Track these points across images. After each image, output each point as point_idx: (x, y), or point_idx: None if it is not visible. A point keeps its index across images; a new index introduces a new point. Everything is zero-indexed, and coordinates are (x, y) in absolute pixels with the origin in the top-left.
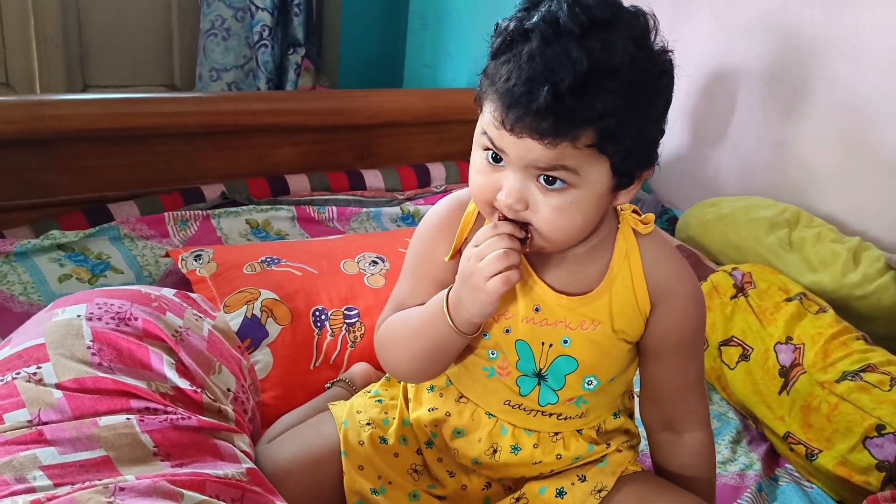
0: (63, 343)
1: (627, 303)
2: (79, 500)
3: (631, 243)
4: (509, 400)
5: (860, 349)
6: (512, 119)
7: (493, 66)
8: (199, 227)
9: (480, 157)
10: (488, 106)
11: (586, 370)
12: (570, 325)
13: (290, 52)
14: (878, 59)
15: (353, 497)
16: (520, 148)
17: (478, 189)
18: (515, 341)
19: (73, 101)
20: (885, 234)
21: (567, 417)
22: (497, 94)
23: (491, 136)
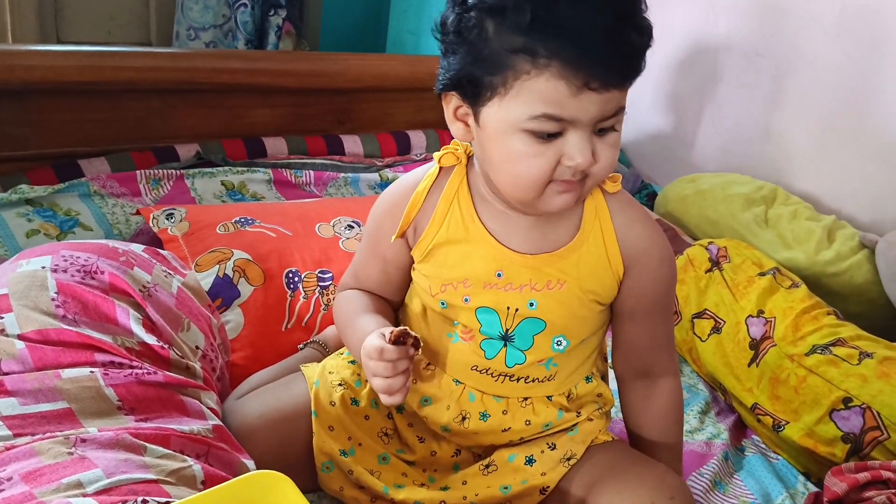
0: (27, 294)
1: (599, 263)
2: (38, 449)
3: (600, 202)
4: (476, 365)
5: (831, 324)
6: (602, 72)
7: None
8: (172, 187)
9: (527, 141)
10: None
11: (555, 330)
12: (535, 287)
13: (270, 13)
14: (863, 40)
15: (321, 457)
16: (601, 103)
17: (534, 172)
18: (476, 309)
19: (45, 52)
20: (861, 212)
21: (535, 380)
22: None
23: (557, 110)
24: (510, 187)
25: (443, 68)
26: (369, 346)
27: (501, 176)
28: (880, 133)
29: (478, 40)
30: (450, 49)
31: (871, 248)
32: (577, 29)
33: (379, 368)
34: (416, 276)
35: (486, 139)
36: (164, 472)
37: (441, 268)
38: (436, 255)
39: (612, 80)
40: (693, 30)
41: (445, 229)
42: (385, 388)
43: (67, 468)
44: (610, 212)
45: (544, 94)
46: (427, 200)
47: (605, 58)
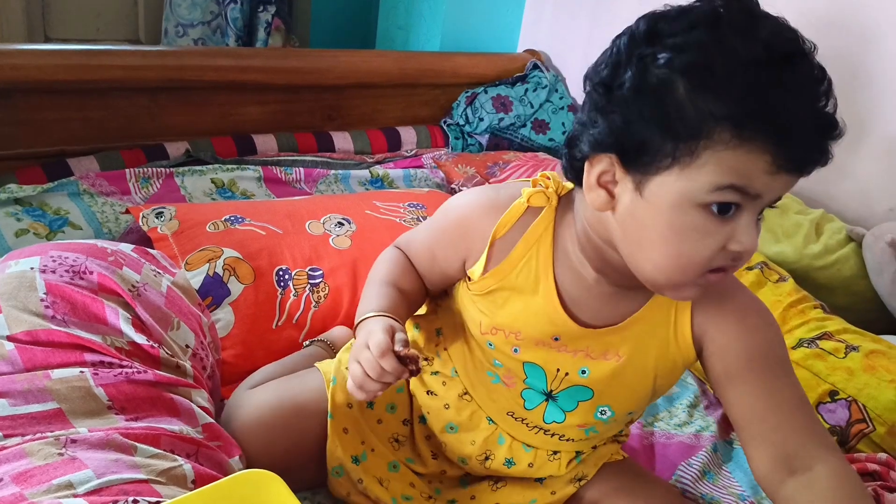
0: (16, 295)
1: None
2: (28, 451)
3: None
4: (513, 412)
5: (817, 317)
6: (802, 155)
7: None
8: (162, 185)
9: (701, 217)
10: (749, 154)
11: (602, 400)
12: (591, 355)
13: (260, 9)
14: (852, 33)
15: (333, 461)
16: (787, 185)
17: (702, 252)
18: (524, 363)
19: (32, 51)
20: (849, 206)
21: (571, 440)
22: (779, 132)
23: (750, 185)
24: (663, 270)
25: (596, 125)
26: (377, 339)
27: (657, 255)
28: (868, 126)
29: (664, 103)
30: (616, 106)
31: (858, 242)
32: (793, 109)
33: (368, 364)
34: (468, 301)
35: (648, 212)
36: (154, 471)
37: (498, 310)
38: (497, 295)
39: (808, 166)
40: None
41: (516, 276)
42: (359, 382)
43: (58, 469)
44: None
45: (738, 168)
46: (506, 236)
47: (812, 141)
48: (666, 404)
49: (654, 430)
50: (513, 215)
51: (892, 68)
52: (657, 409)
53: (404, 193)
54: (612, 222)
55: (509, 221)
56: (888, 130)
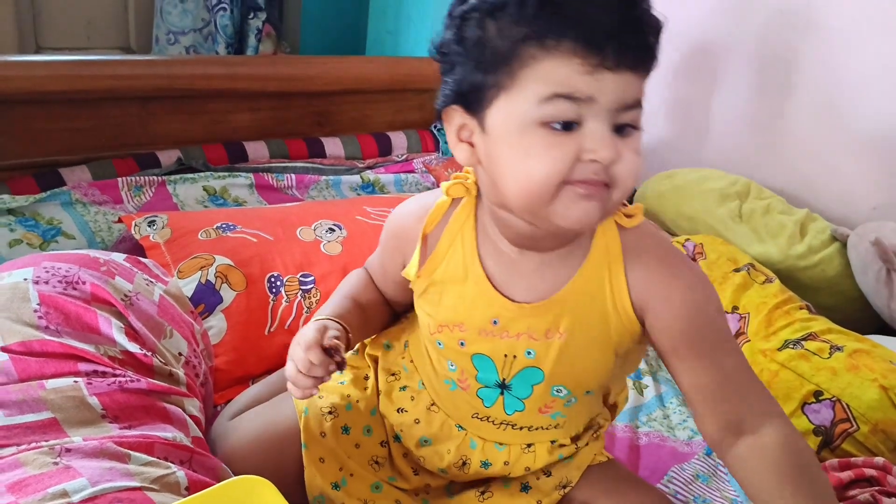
0: (9, 306)
1: (606, 310)
2: (24, 460)
3: (612, 239)
4: (476, 412)
5: (803, 318)
6: (615, 49)
7: (550, 13)
8: (154, 194)
9: (542, 133)
10: (558, 60)
11: (554, 380)
12: (533, 336)
13: (250, 16)
14: (831, 33)
15: (313, 490)
16: (618, 85)
17: (549, 166)
18: (472, 355)
19: (22, 62)
20: (833, 206)
21: (540, 428)
22: (584, 30)
23: (574, 89)
24: (520, 193)
25: (443, 87)
26: (306, 336)
27: (511, 181)
28: (851, 126)
29: (479, 44)
30: (450, 65)
31: (842, 242)
32: (588, 7)
33: (298, 360)
34: (418, 309)
35: (494, 144)
36: (148, 479)
37: (438, 307)
38: (433, 293)
39: (627, 59)
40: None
41: (445, 267)
42: (292, 379)
43: (53, 478)
44: (623, 249)
45: (555, 75)
46: (432, 234)
47: (620, 34)
48: (658, 403)
49: (648, 430)
50: (438, 211)
51: (872, 68)
52: (650, 409)
53: (395, 198)
54: (483, 175)
55: (435, 218)
56: (870, 129)
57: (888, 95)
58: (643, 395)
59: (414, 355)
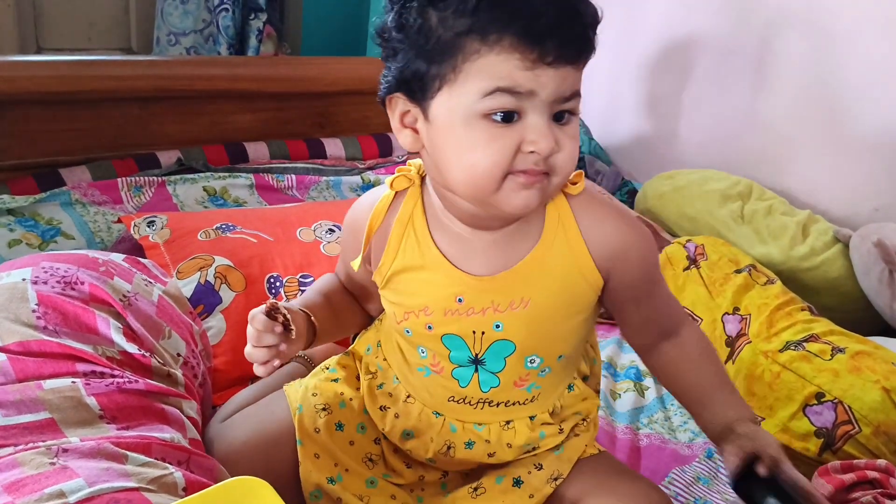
0: (7, 306)
1: (567, 274)
2: (21, 460)
3: (563, 208)
4: (452, 395)
5: (804, 319)
6: (554, 45)
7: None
8: (154, 194)
9: (485, 126)
10: (500, 55)
11: (526, 350)
12: (498, 309)
13: (251, 17)
14: (833, 36)
15: (309, 486)
16: (556, 79)
17: (492, 158)
18: (441, 336)
19: (23, 62)
20: (835, 207)
21: (516, 403)
22: (525, 26)
23: (515, 83)
24: (466, 183)
25: (385, 73)
26: (254, 312)
27: (456, 171)
28: (852, 127)
29: (421, 33)
30: (392, 51)
31: (844, 243)
32: (528, 2)
33: (249, 334)
34: (383, 301)
35: (438, 134)
36: (145, 479)
37: (401, 295)
38: (395, 282)
39: (566, 54)
40: (667, 29)
41: (402, 256)
42: (247, 354)
43: (49, 478)
44: (574, 216)
45: (496, 70)
46: (382, 227)
47: (558, 30)
48: (659, 405)
49: (649, 432)
50: (383, 204)
51: (874, 70)
52: (651, 411)
53: None
54: (428, 159)
55: (381, 211)
56: (872, 131)
57: (890, 97)
58: (644, 396)
59: (386, 352)
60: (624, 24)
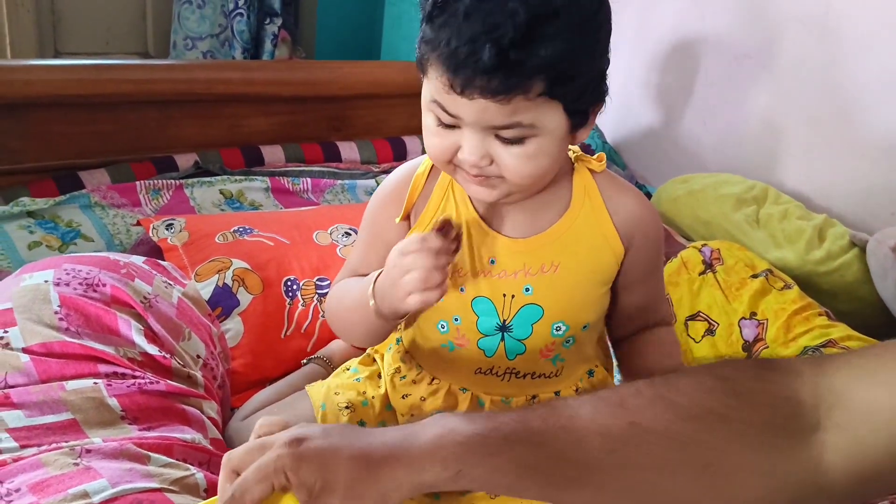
0: (30, 308)
1: (593, 241)
2: (45, 461)
3: (589, 182)
4: (479, 367)
5: (822, 325)
6: (461, 82)
7: (430, 31)
8: (171, 197)
9: (433, 120)
10: (433, 72)
11: (553, 316)
12: (529, 272)
13: (266, 21)
14: (848, 39)
15: None
16: (474, 109)
17: (436, 151)
18: (472, 299)
19: (43, 66)
20: (851, 211)
21: (542, 375)
22: (441, 59)
23: (442, 102)
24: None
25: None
26: (405, 241)
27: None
28: (869, 131)
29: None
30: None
31: (861, 247)
32: (451, 32)
33: (418, 260)
34: None
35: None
36: (167, 480)
37: None
38: None
39: (475, 90)
40: (681, 32)
41: (441, 214)
42: (422, 279)
43: (73, 479)
44: (599, 189)
45: (435, 86)
46: (426, 186)
47: (465, 67)
48: None
49: None
50: (426, 166)
51: (888, 73)
52: None
53: None
54: None
55: (425, 171)
56: (889, 134)
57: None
58: None
59: (408, 346)
60: (637, 27)
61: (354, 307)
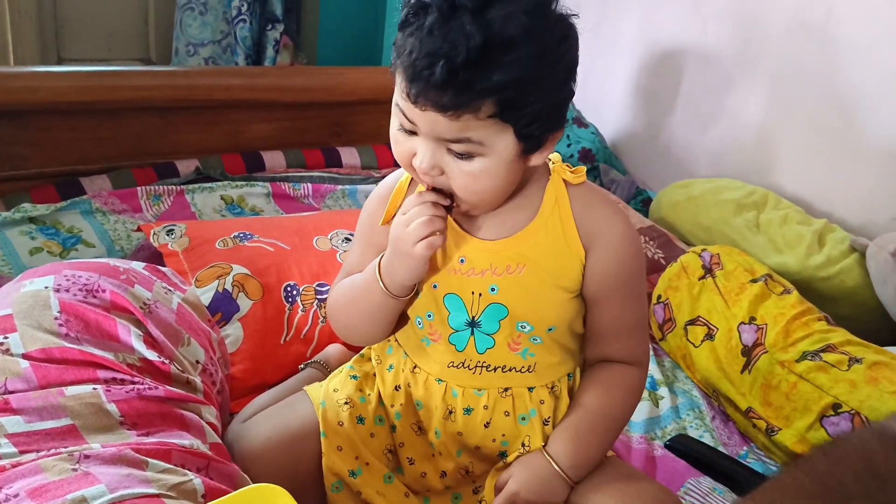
0: (30, 314)
1: (557, 246)
2: (44, 466)
3: (561, 192)
4: (451, 361)
5: (821, 329)
6: (415, 92)
7: (400, 38)
8: (172, 202)
9: (396, 125)
10: (398, 77)
11: (517, 316)
12: (496, 272)
13: (268, 27)
14: (849, 45)
15: (331, 477)
16: (427, 120)
17: (397, 155)
18: (444, 296)
19: (45, 73)
20: (852, 216)
21: (513, 369)
22: (402, 68)
23: (403, 108)
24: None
25: None
26: (404, 204)
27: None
28: (869, 136)
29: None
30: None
31: (861, 252)
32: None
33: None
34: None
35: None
36: (165, 486)
37: None
38: None
39: (427, 102)
40: (682, 39)
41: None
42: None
43: (72, 484)
44: (570, 200)
45: (399, 90)
46: (408, 191)
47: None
48: (673, 415)
49: (665, 443)
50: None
51: (888, 78)
52: (666, 421)
53: None
54: None
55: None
56: (889, 139)
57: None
58: (659, 406)
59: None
60: (639, 33)
61: (360, 296)
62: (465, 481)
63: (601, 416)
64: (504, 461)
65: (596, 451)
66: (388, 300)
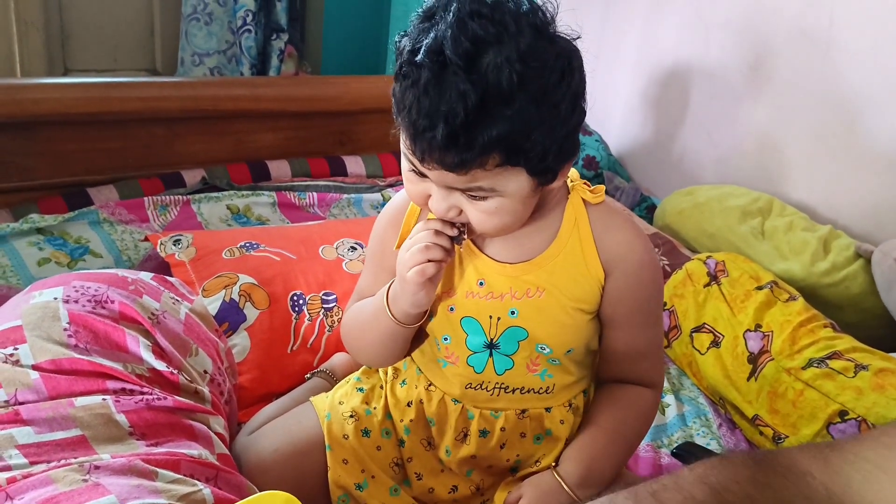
0: (40, 325)
1: (577, 269)
2: (54, 477)
3: (580, 212)
4: (469, 382)
5: (827, 336)
6: (419, 153)
7: (398, 88)
8: (179, 212)
9: (407, 165)
10: (401, 131)
11: (537, 338)
12: (515, 296)
13: (273, 37)
14: (851, 51)
15: (337, 491)
16: (436, 174)
17: (411, 195)
18: (461, 319)
19: (52, 84)
20: (857, 222)
21: (531, 391)
22: (404, 124)
23: (410, 158)
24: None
25: None
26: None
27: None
28: (874, 143)
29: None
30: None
31: (866, 258)
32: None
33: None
34: None
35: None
36: (174, 496)
37: None
38: None
39: (432, 162)
40: (686, 47)
41: None
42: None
43: (82, 495)
44: (590, 220)
45: (404, 141)
46: (421, 214)
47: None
48: (680, 423)
49: (671, 450)
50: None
51: (891, 85)
52: (673, 429)
53: None
54: None
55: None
56: (892, 145)
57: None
58: (665, 414)
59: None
60: (642, 41)
61: (370, 323)
62: (474, 497)
63: (613, 437)
64: (514, 476)
65: (607, 471)
66: (397, 327)
